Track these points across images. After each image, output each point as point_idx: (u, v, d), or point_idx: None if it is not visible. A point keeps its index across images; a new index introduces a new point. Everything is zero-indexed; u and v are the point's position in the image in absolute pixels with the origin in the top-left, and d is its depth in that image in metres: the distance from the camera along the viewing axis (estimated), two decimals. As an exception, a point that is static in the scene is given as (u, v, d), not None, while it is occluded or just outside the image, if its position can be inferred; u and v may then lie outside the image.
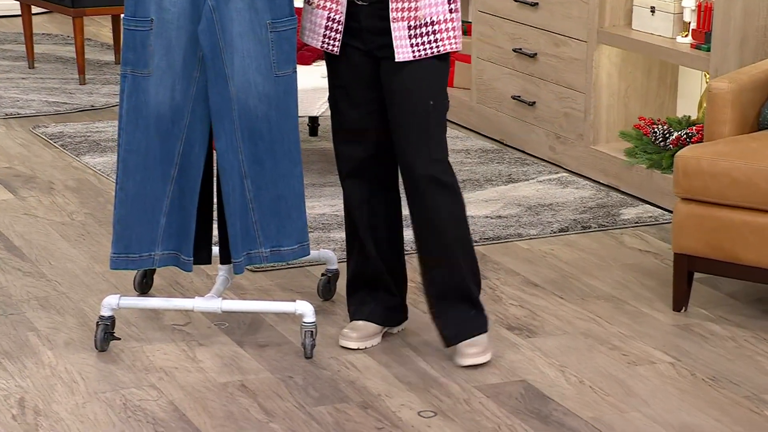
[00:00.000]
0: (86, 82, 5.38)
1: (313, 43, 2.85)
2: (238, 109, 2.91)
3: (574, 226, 3.89)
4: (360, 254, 2.99)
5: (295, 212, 2.98)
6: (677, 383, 2.90)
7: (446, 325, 2.92)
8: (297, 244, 3.01)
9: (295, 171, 2.97)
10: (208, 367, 2.98)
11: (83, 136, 4.73)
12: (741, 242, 3.15)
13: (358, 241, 2.98)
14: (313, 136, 4.81)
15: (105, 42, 6.08)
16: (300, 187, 2.98)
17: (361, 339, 3.00)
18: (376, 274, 3.00)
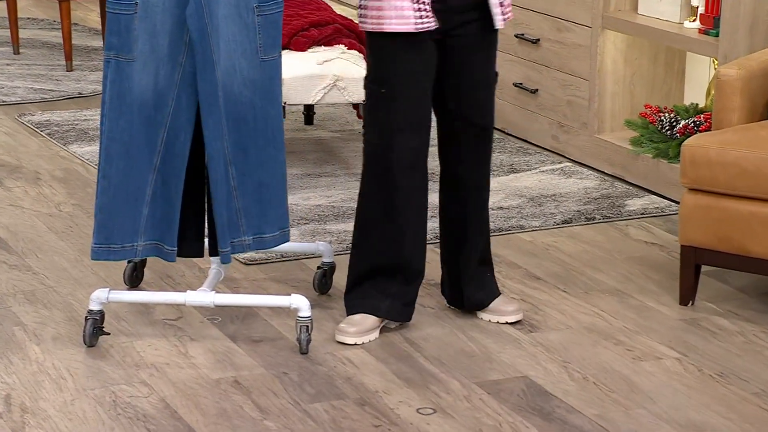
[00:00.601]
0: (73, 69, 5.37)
1: (403, 28, 2.81)
2: (223, 95, 2.92)
3: (577, 218, 3.90)
4: (392, 243, 2.98)
5: (276, 198, 2.99)
6: (684, 379, 2.91)
7: (480, 288, 3.08)
8: (278, 230, 3.02)
9: (279, 157, 2.98)
10: (201, 362, 2.98)
11: (71, 125, 4.73)
12: (750, 234, 3.15)
13: (393, 230, 2.97)
14: (308, 125, 4.81)
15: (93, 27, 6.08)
16: (282, 174, 2.99)
17: (359, 334, 3.02)
18: (409, 265, 3.02)
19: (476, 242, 3.11)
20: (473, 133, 3.02)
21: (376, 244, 3.00)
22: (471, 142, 3.04)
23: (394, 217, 2.97)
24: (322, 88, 4.06)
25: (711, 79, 4.16)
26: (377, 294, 3.02)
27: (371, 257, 3.01)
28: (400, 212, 2.97)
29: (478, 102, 2.98)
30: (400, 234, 2.99)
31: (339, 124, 4.83)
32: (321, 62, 4.08)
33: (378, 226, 2.98)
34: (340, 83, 4.06)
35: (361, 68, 4.10)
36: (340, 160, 4.43)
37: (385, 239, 2.99)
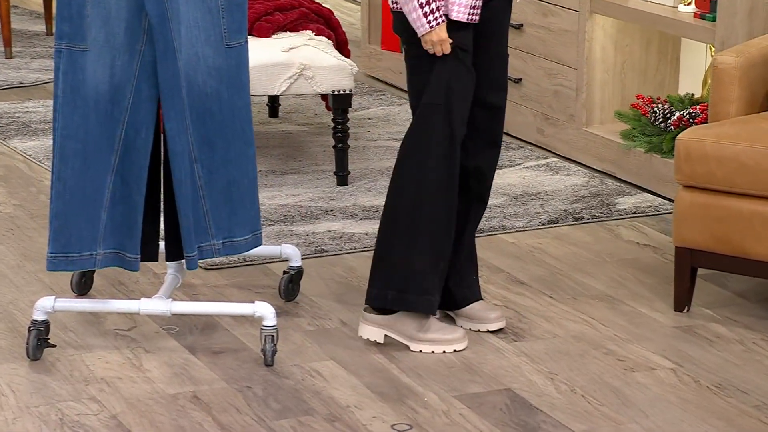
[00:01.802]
0: (13, 56, 5.33)
1: (458, 17, 2.94)
2: (186, 85, 2.91)
3: (564, 218, 3.92)
4: (449, 224, 3.04)
5: (248, 198, 2.99)
6: (679, 391, 2.93)
7: (465, 285, 3.14)
8: (250, 234, 3.01)
9: (249, 153, 2.97)
10: (156, 376, 2.98)
11: (11, 118, 4.70)
12: (750, 234, 3.18)
13: (451, 217, 3.03)
14: (273, 117, 4.81)
15: (34, 10, 6.04)
16: (253, 171, 2.99)
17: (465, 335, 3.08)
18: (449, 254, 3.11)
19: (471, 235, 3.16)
20: (488, 115, 3.09)
21: (450, 234, 3.01)
22: (486, 125, 3.09)
23: (450, 205, 3.02)
24: (288, 78, 4.06)
25: (707, 68, 4.19)
26: (439, 283, 3.05)
27: (435, 243, 3.01)
28: (451, 201, 3.04)
29: (498, 79, 3.09)
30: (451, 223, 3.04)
31: (306, 116, 4.83)
32: (286, 49, 4.08)
33: (445, 215, 3.01)
34: (308, 72, 4.06)
35: (331, 56, 4.10)
36: (308, 156, 4.43)
37: (450, 229, 3.02)
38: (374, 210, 3.97)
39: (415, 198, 2.99)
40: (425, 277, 3.00)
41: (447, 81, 2.96)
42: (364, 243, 3.72)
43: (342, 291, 3.44)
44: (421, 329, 3.04)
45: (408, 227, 3.00)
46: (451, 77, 2.97)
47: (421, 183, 2.99)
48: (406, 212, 3.00)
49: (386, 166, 4.32)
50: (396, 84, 5.15)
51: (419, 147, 2.99)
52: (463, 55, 2.99)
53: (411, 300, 3.01)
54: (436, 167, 2.98)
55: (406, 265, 3.00)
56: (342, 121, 4.14)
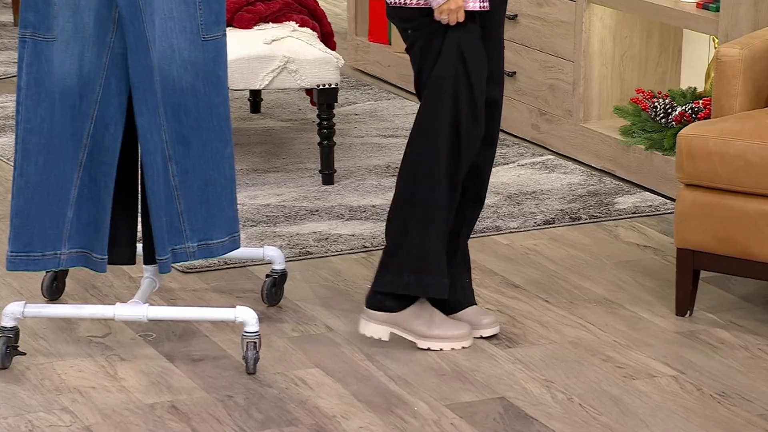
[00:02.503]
0: (-19, 48, 5.32)
1: (474, 7, 2.99)
2: (160, 79, 2.90)
3: (561, 218, 3.93)
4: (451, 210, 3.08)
5: (225, 199, 2.98)
6: (681, 400, 2.94)
7: (460, 289, 3.17)
8: (227, 236, 3.01)
9: (226, 152, 2.97)
10: (132, 385, 2.97)
11: (-20, 113, 4.69)
12: (755, 235, 3.19)
13: (457, 195, 3.07)
14: (255, 112, 4.81)
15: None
16: (231, 171, 2.98)
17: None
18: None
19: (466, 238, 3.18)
20: (485, 111, 3.11)
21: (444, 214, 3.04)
22: (493, 120, 3.13)
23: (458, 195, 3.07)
24: (271, 72, 4.05)
25: (711, 60, 4.20)
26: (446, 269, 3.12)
27: (448, 221, 3.04)
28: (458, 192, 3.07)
29: (496, 72, 3.10)
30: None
31: (290, 112, 4.83)
32: (269, 41, 4.08)
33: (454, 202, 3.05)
34: (291, 65, 4.06)
35: (315, 48, 4.10)
36: (292, 154, 4.43)
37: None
38: (361, 210, 3.97)
39: (429, 177, 3.00)
40: (441, 257, 3.03)
41: (458, 51, 2.97)
42: (350, 245, 3.72)
43: (328, 295, 3.44)
44: (427, 325, 3.07)
45: (424, 206, 3.02)
46: (462, 46, 2.98)
47: (434, 160, 2.99)
48: (421, 191, 3.01)
49: (374, 163, 4.32)
50: (384, 78, 5.15)
51: (430, 122, 3.00)
52: (475, 30, 3.00)
53: (428, 283, 3.04)
54: (444, 141, 2.99)
55: (423, 247, 3.03)
56: (327, 116, 4.13)
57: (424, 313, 3.08)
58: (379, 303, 3.08)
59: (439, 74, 2.98)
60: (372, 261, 3.65)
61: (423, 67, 3.02)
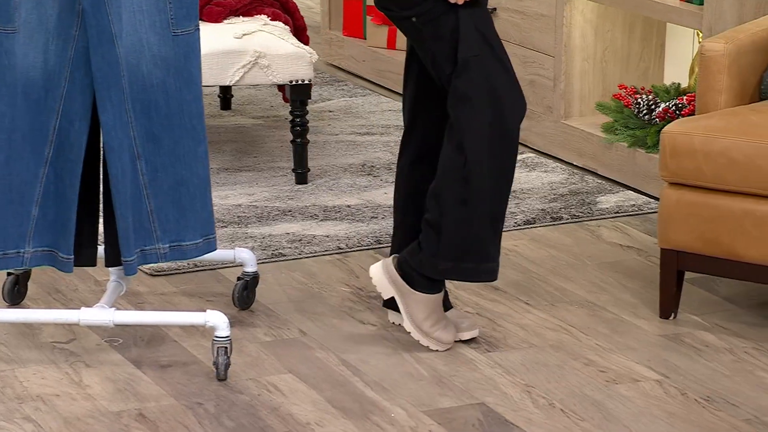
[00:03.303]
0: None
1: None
2: (128, 75, 2.89)
3: (542, 218, 3.93)
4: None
5: (198, 200, 2.97)
6: (665, 404, 2.95)
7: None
8: (201, 238, 3.00)
9: (198, 151, 2.96)
10: (98, 393, 2.96)
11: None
12: (741, 235, 3.20)
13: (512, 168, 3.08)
14: (225, 109, 4.80)
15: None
16: (204, 171, 2.97)
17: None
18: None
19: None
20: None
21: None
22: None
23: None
24: (242, 67, 4.04)
25: (694, 55, 4.22)
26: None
27: (495, 203, 3.05)
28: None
29: None
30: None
31: (262, 109, 4.82)
32: (239, 36, 4.07)
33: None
34: (263, 61, 4.05)
35: (288, 43, 4.09)
36: (264, 152, 4.42)
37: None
38: (336, 210, 3.97)
39: (470, 157, 2.99)
40: (486, 242, 3.04)
41: (476, 29, 2.96)
42: (325, 246, 3.72)
43: (301, 298, 3.44)
44: (428, 320, 3.09)
45: (464, 190, 3.01)
46: (478, 24, 2.97)
47: (473, 140, 2.98)
48: (461, 174, 3.00)
49: (349, 162, 4.32)
50: (359, 73, 5.15)
51: (472, 106, 2.98)
52: (484, 7, 2.99)
53: (471, 268, 3.04)
54: (486, 122, 2.98)
55: (465, 232, 3.03)
56: (300, 113, 4.13)
57: (431, 304, 3.09)
58: (408, 270, 3.07)
59: (465, 56, 2.96)
60: (347, 263, 3.65)
61: (438, 54, 2.99)
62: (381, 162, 4.32)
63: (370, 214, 3.93)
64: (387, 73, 4.99)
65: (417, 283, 3.09)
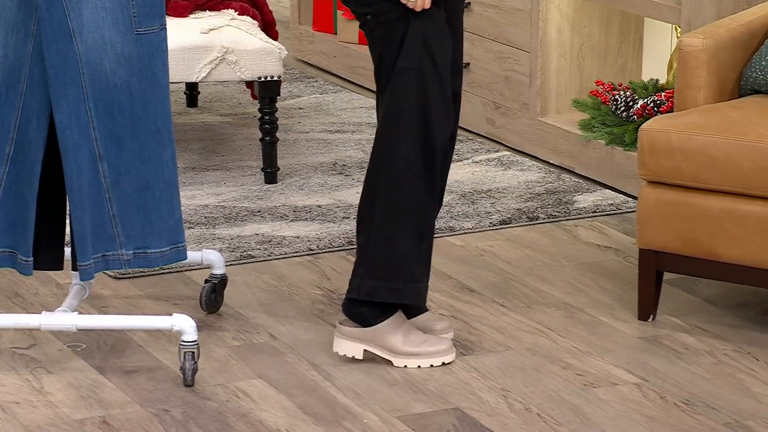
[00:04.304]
0: None
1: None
2: (89, 73, 2.88)
3: (517, 217, 3.95)
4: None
5: (165, 206, 2.96)
6: (644, 408, 2.96)
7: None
8: (169, 246, 2.99)
9: (164, 155, 2.95)
10: (60, 400, 2.95)
11: None
12: (720, 235, 3.23)
13: (433, 191, 3.03)
14: (191, 107, 4.79)
15: None
16: (171, 175, 2.96)
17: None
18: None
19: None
20: (457, 98, 3.11)
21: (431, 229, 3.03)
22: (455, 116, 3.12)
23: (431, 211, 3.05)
24: (208, 63, 4.04)
25: (673, 51, 4.24)
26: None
27: (418, 222, 3.02)
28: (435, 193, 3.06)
29: (457, 64, 3.10)
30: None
31: (229, 106, 4.81)
32: (206, 31, 4.07)
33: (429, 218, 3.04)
34: (230, 56, 4.05)
35: (256, 38, 4.09)
36: (232, 150, 4.41)
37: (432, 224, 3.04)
38: (306, 210, 3.97)
39: (398, 173, 2.98)
40: (414, 260, 3.00)
41: (424, 40, 2.95)
42: (295, 247, 3.72)
43: (271, 301, 3.44)
44: (405, 342, 3.04)
45: (395, 206, 2.99)
46: (428, 35, 2.95)
47: (398, 155, 2.97)
48: (391, 190, 2.98)
49: (319, 161, 4.33)
50: (330, 69, 5.15)
51: (398, 118, 2.97)
52: (440, 16, 2.99)
53: (397, 288, 2.99)
54: (413, 136, 2.96)
55: (389, 250, 2.99)
56: (270, 111, 4.13)
57: (401, 328, 3.05)
58: (354, 310, 3.04)
59: (404, 66, 2.96)
60: (318, 264, 3.65)
61: (384, 57, 2.99)
62: (353, 161, 4.32)
63: (342, 215, 3.93)
64: (359, 69, 5.00)
65: (369, 317, 3.04)
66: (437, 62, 2.96)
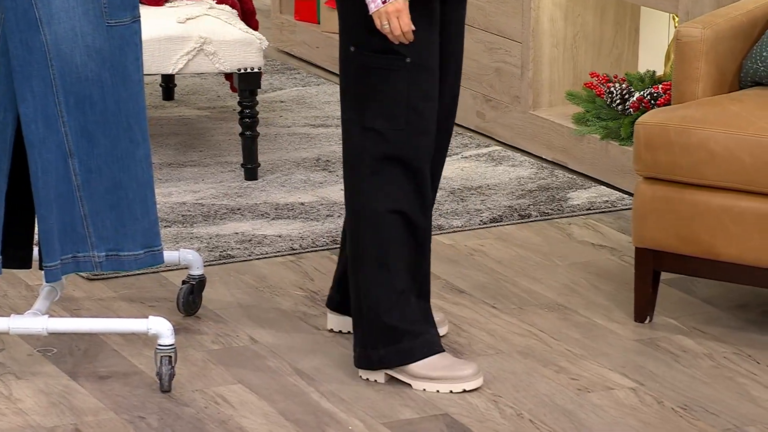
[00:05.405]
0: None
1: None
2: (58, 65, 2.87)
3: (509, 215, 3.95)
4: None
5: (138, 207, 2.96)
6: (640, 414, 2.97)
7: None
8: (143, 250, 2.98)
9: (137, 153, 2.94)
10: (29, 407, 2.94)
11: None
12: (720, 233, 3.23)
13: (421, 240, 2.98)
14: (168, 100, 4.79)
15: None
16: (145, 175, 2.96)
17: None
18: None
19: None
20: (445, 106, 3.05)
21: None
22: (441, 118, 3.06)
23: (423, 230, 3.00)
24: (185, 54, 4.04)
25: (670, 41, 4.25)
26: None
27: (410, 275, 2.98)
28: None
29: (459, 72, 3.05)
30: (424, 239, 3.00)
31: (207, 99, 4.81)
32: (183, 20, 4.06)
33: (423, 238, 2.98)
34: (209, 47, 4.05)
35: (235, 28, 4.09)
36: (210, 145, 4.41)
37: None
38: (289, 208, 3.97)
39: (373, 233, 2.94)
40: (406, 319, 2.96)
41: (406, 100, 2.87)
42: (276, 247, 3.72)
43: (251, 303, 3.44)
44: (426, 366, 2.98)
45: (372, 249, 2.95)
46: (412, 94, 2.88)
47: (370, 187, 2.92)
48: (365, 232, 2.95)
49: (302, 156, 4.32)
50: (312, 61, 5.15)
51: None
52: (429, 52, 2.88)
53: (406, 348, 2.96)
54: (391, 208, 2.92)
55: (379, 315, 2.95)
56: (250, 104, 4.13)
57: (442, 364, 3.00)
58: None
59: (372, 126, 2.87)
60: (301, 264, 3.65)
61: (350, 89, 2.90)
62: (336, 156, 4.32)
63: (326, 212, 3.93)
64: (343, 60, 5.00)
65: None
66: (415, 134, 2.89)
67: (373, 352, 2.98)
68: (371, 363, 2.99)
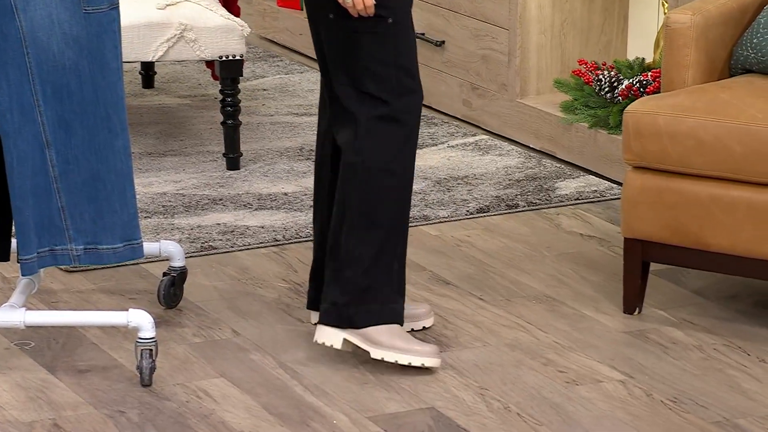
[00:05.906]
0: None
1: None
2: (34, 53, 2.86)
3: (496, 205, 3.96)
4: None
5: (117, 199, 2.95)
6: (630, 407, 2.98)
7: None
8: (122, 243, 2.98)
9: (116, 144, 2.94)
10: (7, 402, 2.94)
11: None
12: (710, 223, 3.24)
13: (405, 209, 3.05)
14: (147, 88, 4.78)
15: None
16: (124, 166, 2.95)
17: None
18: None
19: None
20: None
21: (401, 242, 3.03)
22: None
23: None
24: (165, 41, 4.03)
25: (660, 28, 4.26)
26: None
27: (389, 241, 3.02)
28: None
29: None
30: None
31: (188, 87, 4.80)
32: (162, 6, 4.05)
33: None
34: (189, 34, 4.04)
35: (217, 14, 4.08)
36: (191, 134, 4.41)
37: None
38: (272, 198, 3.97)
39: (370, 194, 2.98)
40: (382, 282, 2.99)
41: (394, 60, 2.93)
42: (259, 238, 3.72)
43: (233, 295, 3.44)
44: (389, 333, 3.03)
45: (359, 224, 2.99)
46: (399, 54, 2.95)
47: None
48: (357, 209, 2.98)
49: (285, 145, 4.32)
50: (295, 48, 5.14)
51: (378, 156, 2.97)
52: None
53: (376, 310, 3.00)
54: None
55: (358, 272, 2.99)
56: (231, 92, 4.12)
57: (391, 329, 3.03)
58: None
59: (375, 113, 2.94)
60: (284, 256, 3.65)
61: (346, 59, 2.95)
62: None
63: (309, 203, 3.93)
64: (326, 47, 4.99)
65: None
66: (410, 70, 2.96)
67: (344, 309, 2.99)
68: (340, 320, 3.01)
